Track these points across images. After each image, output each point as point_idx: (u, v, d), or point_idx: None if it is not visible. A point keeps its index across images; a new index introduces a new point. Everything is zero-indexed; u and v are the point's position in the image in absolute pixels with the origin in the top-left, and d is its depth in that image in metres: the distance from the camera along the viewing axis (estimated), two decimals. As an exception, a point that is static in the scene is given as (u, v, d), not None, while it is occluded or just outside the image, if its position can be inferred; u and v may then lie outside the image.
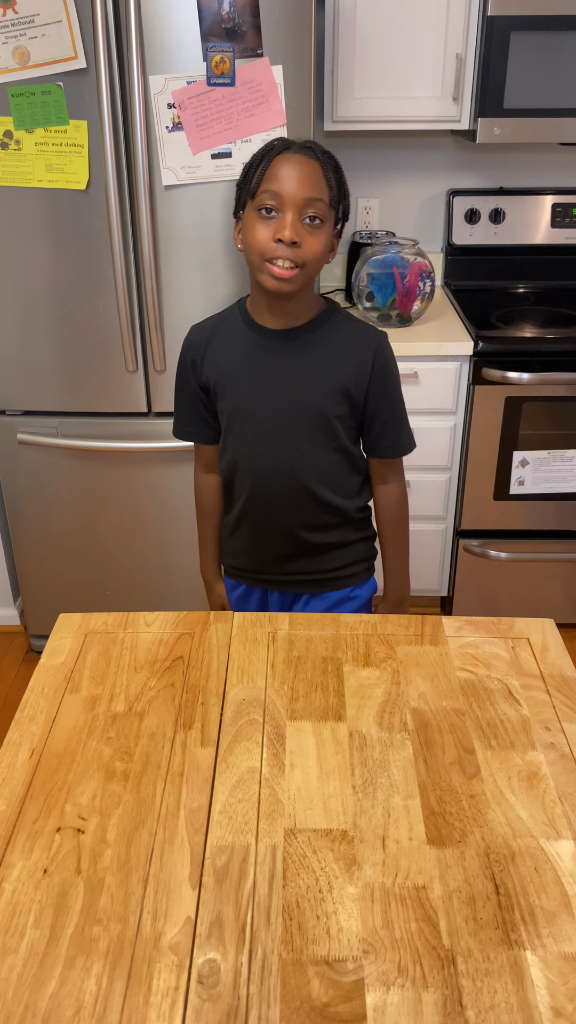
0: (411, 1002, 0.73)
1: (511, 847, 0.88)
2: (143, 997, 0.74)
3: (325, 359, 1.33)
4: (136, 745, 1.01)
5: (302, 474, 1.37)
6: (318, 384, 1.33)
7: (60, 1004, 0.73)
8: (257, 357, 1.34)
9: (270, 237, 1.20)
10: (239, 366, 1.35)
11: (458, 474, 2.37)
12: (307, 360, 1.33)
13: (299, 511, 1.41)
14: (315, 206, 1.19)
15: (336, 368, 1.33)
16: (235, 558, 1.54)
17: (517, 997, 0.74)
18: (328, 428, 1.36)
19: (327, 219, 1.23)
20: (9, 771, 0.98)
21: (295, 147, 1.21)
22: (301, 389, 1.33)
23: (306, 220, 1.20)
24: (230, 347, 1.36)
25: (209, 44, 1.77)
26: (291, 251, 1.20)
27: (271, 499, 1.40)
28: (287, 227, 1.19)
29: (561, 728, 1.04)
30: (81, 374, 2.12)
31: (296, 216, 1.19)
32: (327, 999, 0.74)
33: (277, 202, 1.19)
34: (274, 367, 1.33)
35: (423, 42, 2.17)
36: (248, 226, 1.24)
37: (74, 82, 1.81)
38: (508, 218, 2.60)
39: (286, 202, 1.19)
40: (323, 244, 1.23)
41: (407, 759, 0.99)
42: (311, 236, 1.21)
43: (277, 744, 1.01)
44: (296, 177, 1.18)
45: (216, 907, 0.82)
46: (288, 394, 1.33)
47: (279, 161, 1.19)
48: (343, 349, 1.34)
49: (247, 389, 1.35)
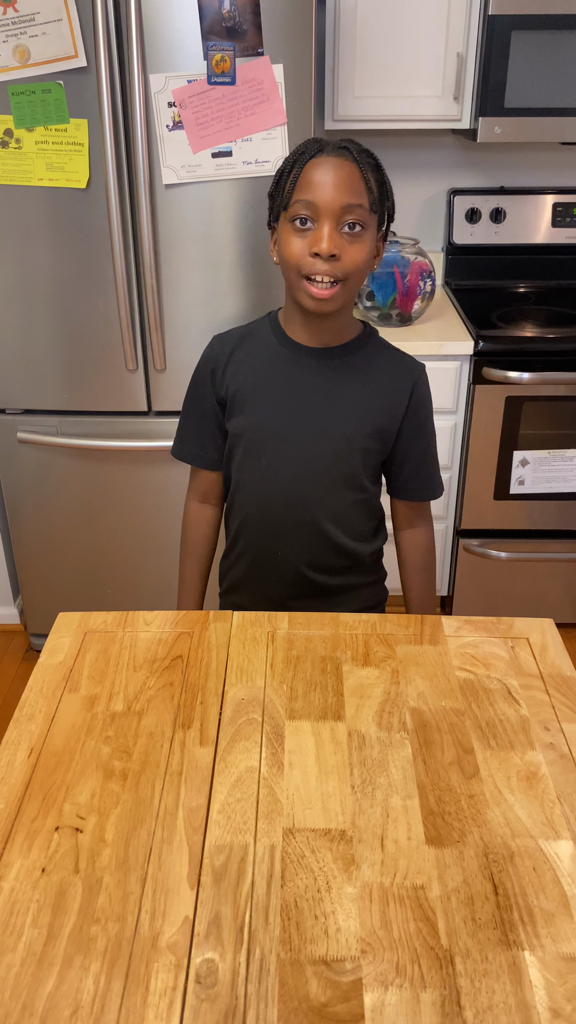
0: (409, 1002, 0.73)
1: (510, 847, 0.88)
2: (141, 997, 0.74)
3: (360, 385, 1.24)
4: (135, 744, 1.01)
5: (315, 509, 1.28)
6: (350, 410, 1.23)
7: (58, 1003, 0.73)
8: (286, 373, 1.24)
9: (306, 251, 1.10)
10: (265, 381, 1.25)
11: (458, 473, 2.37)
12: (341, 383, 1.23)
13: (306, 548, 1.31)
14: (354, 212, 1.09)
15: (371, 396, 1.24)
16: (234, 595, 1.42)
17: (515, 997, 0.74)
18: (353, 461, 1.26)
19: (369, 225, 1.12)
20: (8, 770, 0.98)
21: (328, 148, 1.10)
22: (331, 413, 1.23)
23: (345, 229, 1.10)
24: (257, 360, 1.26)
25: (210, 43, 1.77)
26: (330, 266, 1.10)
27: (276, 529, 1.30)
28: (324, 239, 1.08)
29: (560, 728, 1.04)
30: (81, 373, 2.12)
31: (333, 226, 1.09)
32: (325, 999, 0.73)
33: (312, 212, 1.09)
34: (304, 387, 1.23)
35: (424, 41, 2.17)
36: (283, 239, 1.13)
37: (74, 80, 1.81)
38: (509, 217, 2.60)
39: (322, 211, 1.09)
40: (365, 253, 1.13)
41: (406, 759, 0.99)
42: (351, 246, 1.11)
43: (276, 743, 1.01)
44: (331, 183, 1.08)
45: (214, 907, 0.82)
46: (316, 417, 1.23)
47: (312, 166, 1.09)
48: (380, 376, 1.25)
49: (270, 407, 1.24)
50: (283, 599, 1.36)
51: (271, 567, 1.34)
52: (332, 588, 1.35)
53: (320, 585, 1.34)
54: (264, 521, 1.31)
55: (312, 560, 1.32)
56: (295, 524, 1.29)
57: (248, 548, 1.36)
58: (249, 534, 1.34)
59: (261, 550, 1.34)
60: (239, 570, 1.40)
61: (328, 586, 1.34)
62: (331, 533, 1.29)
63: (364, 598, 1.39)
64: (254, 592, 1.39)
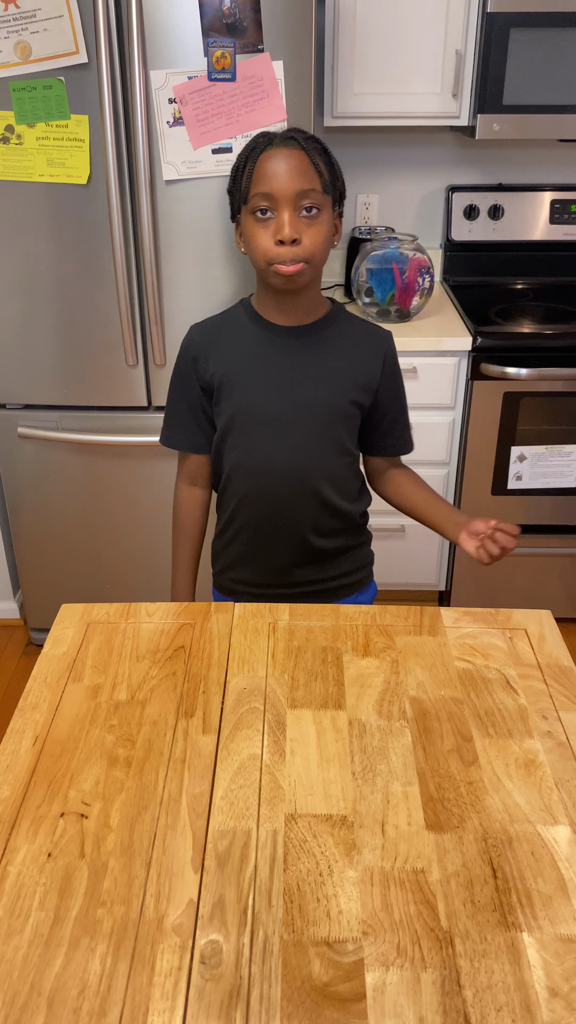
0: (410, 982, 0.75)
1: (508, 832, 0.90)
2: (147, 977, 0.75)
3: (338, 357, 1.31)
4: (138, 733, 1.03)
5: (312, 476, 1.34)
6: (332, 382, 1.31)
7: (65, 984, 0.75)
8: (267, 355, 1.30)
9: (271, 239, 1.18)
10: (247, 364, 1.31)
11: (456, 469, 2.38)
12: (320, 358, 1.30)
13: (308, 515, 1.37)
14: (309, 196, 1.17)
15: (349, 366, 1.31)
16: (234, 572, 1.46)
17: (514, 977, 0.75)
18: (339, 428, 1.33)
19: (324, 206, 1.20)
20: (13, 758, 0.99)
21: (277, 141, 1.18)
22: (314, 387, 1.30)
23: (303, 213, 1.18)
24: (237, 345, 1.32)
25: (210, 39, 1.78)
26: (292, 250, 1.18)
27: (278, 503, 1.35)
28: (285, 225, 1.16)
29: (558, 717, 1.06)
30: (81, 368, 2.13)
31: (292, 212, 1.17)
32: (327, 979, 0.75)
33: (270, 202, 1.17)
34: (286, 365, 1.30)
35: (423, 38, 2.18)
36: (247, 231, 1.22)
37: (75, 77, 1.82)
38: (507, 214, 2.61)
39: (279, 200, 1.16)
40: (324, 233, 1.21)
41: (406, 746, 1.01)
42: (310, 228, 1.19)
43: (278, 732, 1.03)
44: (284, 173, 1.15)
45: (218, 890, 0.83)
46: (301, 392, 1.30)
47: (264, 159, 1.17)
48: (354, 347, 1.32)
49: (257, 387, 1.30)
50: (286, 567, 1.41)
51: (273, 540, 1.39)
52: (330, 551, 1.42)
53: (319, 550, 1.40)
54: (264, 497, 1.36)
55: (314, 525, 1.38)
56: (295, 494, 1.35)
57: (247, 526, 1.40)
58: (248, 513, 1.39)
59: (262, 526, 1.39)
60: (236, 549, 1.44)
61: (327, 550, 1.41)
62: (328, 497, 1.36)
63: (356, 558, 1.47)
64: (256, 566, 1.43)
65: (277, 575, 1.42)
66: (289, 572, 1.41)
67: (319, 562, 1.42)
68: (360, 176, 2.64)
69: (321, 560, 1.42)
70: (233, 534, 1.43)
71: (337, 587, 1.45)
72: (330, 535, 1.40)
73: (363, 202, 2.67)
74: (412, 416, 1.49)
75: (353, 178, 2.65)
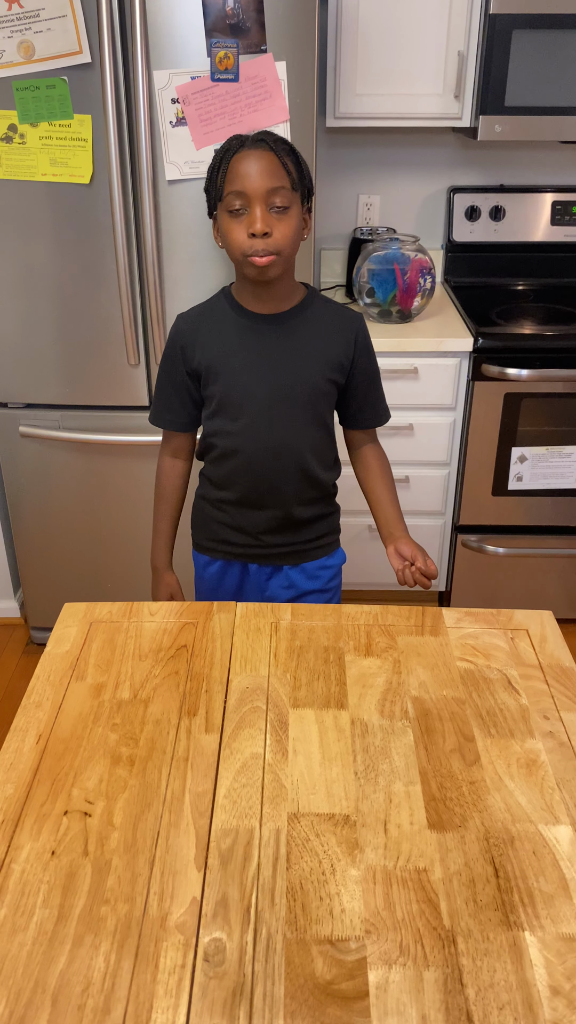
0: (412, 980, 0.75)
1: (510, 832, 0.90)
2: (150, 974, 0.75)
3: (313, 340, 1.41)
4: (141, 731, 1.03)
5: (297, 450, 1.44)
6: (309, 363, 1.41)
7: (69, 981, 0.75)
8: (249, 341, 1.40)
9: (245, 234, 1.28)
10: (232, 350, 1.41)
11: (457, 470, 2.39)
12: (297, 341, 1.41)
13: (292, 486, 1.47)
14: (279, 194, 1.26)
15: (324, 347, 1.42)
16: (217, 533, 1.57)
17: (516, 976, 0.76)
18: (318, 404, 1.44)
19: (292, 202, 1.29)
20: (16, 756, 0.99)
21: (248, 143, 1.28)
22: (294, 368, 1.40)
23: (273, 210, 1.27)
24: (220, 333, 1.42)
25: (213, 40, 1.78)
26: (264, 242, 1.27)
27: (267, 476, 1.46)
28: (257, 220, 1.26)
29: (559, 717, 1.06)
30: (83, 367, 2.13)
31: (263, 208, 1.26)
32: (330, 977, 0.75)
33: (243, 200, 1.27)
34: (267, 349, 1.40)
35: (425, 39, 2.18)
36: (223, 228, 1.31)
37: (78, 76, 1.82)
38: (508, 215, 2.61)
39: (251, 198, 1.26)
40: (293, 227, 1.30)
41: (408, 746, 1.01)
42: (280, 222, 1.28)
43: (280, 731, 1.03)
44: (255, 172, 1.25)
45: (221, 888, 0.83)
46: (282, 374, 1.40)
47: (236, 161, 1.26)
48: (328, 330, 1.43)
49: (242, 371, 1.40)
50: (263, 533, 1.52)
51: (262, 509, 1.50)
52: (305, 520, 1.53)
53: (297, 519, 1.52)
54: (255, 471, 1.46)
55: (296, 495, 1.49)
56: (282, 468, 1.45)
57: (233, 497, 1.51)
58: (237, 485, 1.49)
59: (253, 497, 1.49)
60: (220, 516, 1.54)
61: (303, 519, 1.52)
62: (310, 467, 1.47)
63: (329, 524, 1.58)
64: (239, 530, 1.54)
65: (254, 538, 1.53)
66: (267, 535, 1.53)
67: (297, 528, 1.53)
68: (362, 177, 2.64)
69: (299, 526, 1.53)
70: (218, 501, 1.53)
71: (312, 549, 1.57)
72: (310, 503, 1.52)
73: (365, 203, 2.67)
74: (412, 416, 1.50)
75: (355, 178, 2.65)
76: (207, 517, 1.57)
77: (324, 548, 1.58)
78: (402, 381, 2.24)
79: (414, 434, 2.29)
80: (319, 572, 1.58)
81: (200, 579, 1.64)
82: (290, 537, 1.53)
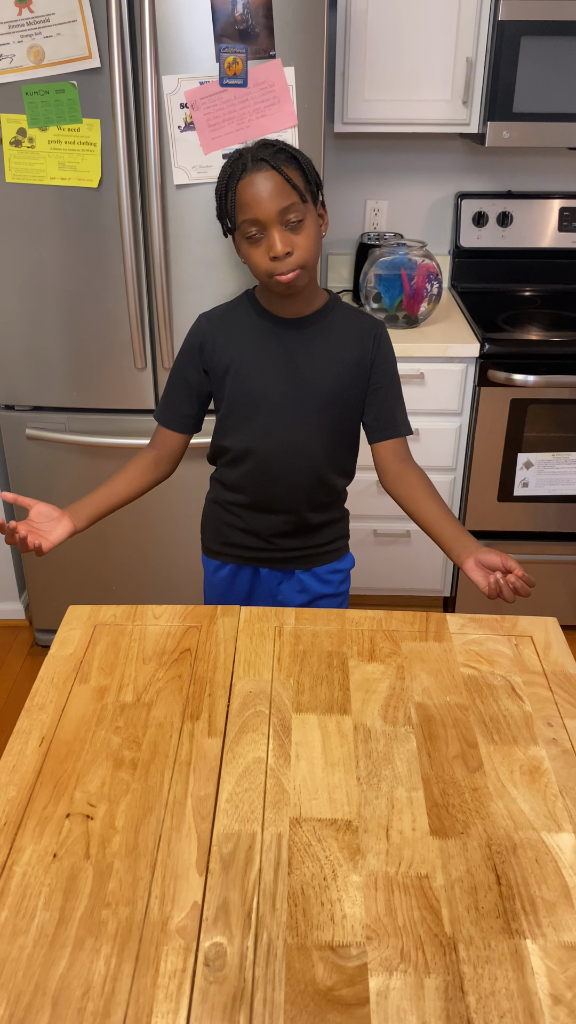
0: (413, 987, 0.75)
1: (512, 839, 0.90)
2: (151, 978, 0.75)
3: (334, 344, 1.41)
4: (144, 735, 1.03)
5: (312, 454, 1.43)
6: (328, 367, 1.40)
7: (69, 984, 0.75)
8: (269, 343, 1.40)
9: (266, 257, 1.27)
10: (251, 351, 1.40)
11: (463, 475, 2.38)
12: (318, 345, 1.40)
13: (306, 491, 1.46)
14: (291, 211, 1.24)
15: (344, 352, 1.41)
16: (228, 536, 1.55)
17: (517, 984, 0.75)
18: (338, 408, 1.42)
19: (306, 213, 1.27)
20: (19, 758, 1.00)
21: (249, 165, 1.24)
22: (312, 372, 1.39)
23: (289, 227, 1.25)
24: (241, 334, 1.41)
25: (222, 45, 1.79)
26: (287, 261, 1.26)
27: (280, 479, 1.44)
28: (276, 244, 1.25)
29: (563, 724, 1.06)
30: (90, 371, 2.13)
31: (279, 230, 1.25)
32: (331, 983, 0.75)
33: (258, 227, 1.25)
34: (286, 352, 1.39)
35: (433, 45, 2.18)
36: (244, 252, 1.31)
37: (88, 81, 1.83)
38: (515, 221, 2.61)
39: (265, 222, 1.24)
40: (312, 236, 1.29)
41: (411, 752, 1.01)
42: (298, 236, 1.26)
43: (283, 735, 1.03)
44: (264, 197, 1.23)
45: (222, 893, 0.83)
46: (301, 377, 1.39)
47: (242, 188, 1.24)
48: (348, 335, 1.42)
49: (259, 371, 1.40)
50: (274, 537, 1.51)
51: (274, 513, 1.49)
52: (317, 524, 1.52)
53: (309, 523, 1.50)
54: (266, 474, 1.45)
55: (309, 500, 1.48)
56: (297, 472, 1.44)
57: (246, 500, 1.49)
58: (250, 489, 1.48)
59: (266, 500, 1.48)
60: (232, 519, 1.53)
61: (315, 523, 1.51)
62: (326, 473, 1.46)
63: (339, 529, 1.57)
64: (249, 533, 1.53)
65: (265, 542, 1.52)
66: (279, 539, 1.52)
67: (308, 533, 1.52)
68: (369, 182, 2.64)
69: (311, 531, 1.52)
70: (230, 504, 1.52)
71: (322, 553, 1.56)
72: (323, 508, 1.51)
73: (372, 208, 2.68)
74: (419, 422, 1.49)
75: (363, 184, 2.66)
76: (218, 520, 1.56)
77: (335, 552, 1.58)
78: (408, 386, 2.22)
79: (420, 439, 2.29)
80: (330, 576, 1.58)
81: (210, 584, 1.63)
82: (302, 541, 1.52)
